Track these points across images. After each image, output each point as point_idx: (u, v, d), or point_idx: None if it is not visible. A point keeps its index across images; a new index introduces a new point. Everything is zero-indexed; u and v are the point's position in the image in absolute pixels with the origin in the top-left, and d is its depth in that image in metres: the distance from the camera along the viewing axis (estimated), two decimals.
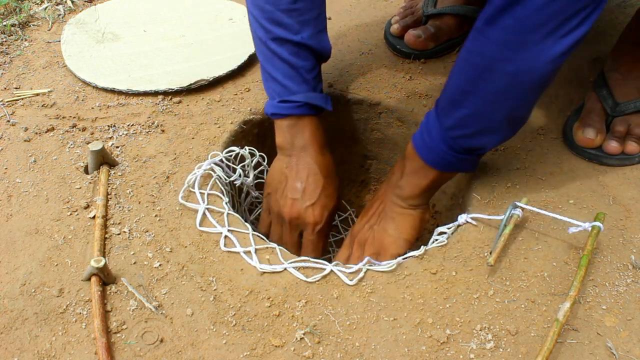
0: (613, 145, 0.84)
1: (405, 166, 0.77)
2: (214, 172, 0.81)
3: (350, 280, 0.70)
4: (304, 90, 0.80)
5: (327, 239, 0.88)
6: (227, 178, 0.83)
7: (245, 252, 0.72)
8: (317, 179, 0.82)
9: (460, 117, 0.68)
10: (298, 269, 0.71)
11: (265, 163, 0.91)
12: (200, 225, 0.76)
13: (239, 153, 0.86)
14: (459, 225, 0.77)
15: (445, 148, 0.71)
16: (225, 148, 0.88)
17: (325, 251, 0.88)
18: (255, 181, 0.91)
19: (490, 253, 0.70)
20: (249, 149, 0.88)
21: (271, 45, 0.78)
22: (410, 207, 0.79)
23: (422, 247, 0.75)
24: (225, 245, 0.73)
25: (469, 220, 0.76)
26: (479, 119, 0.67)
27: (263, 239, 0.75)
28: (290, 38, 0.77)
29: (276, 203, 0.84)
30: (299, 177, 0.82)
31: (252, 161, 0.88)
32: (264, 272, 0.71)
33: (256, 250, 0.73)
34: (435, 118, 0.71)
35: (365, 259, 0.72)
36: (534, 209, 0.75)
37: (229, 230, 0.74)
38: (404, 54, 1.04)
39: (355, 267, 0.71)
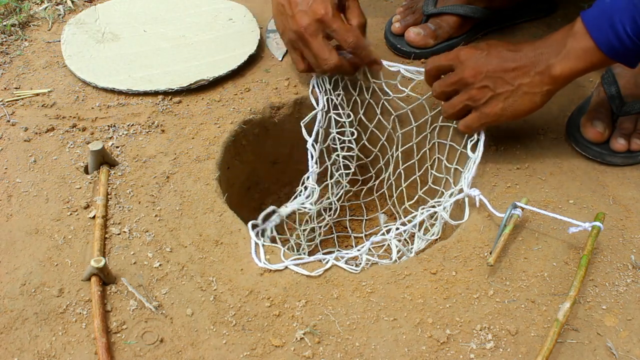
0: (620, 143, 0.83)
1: (566, 44, 0.73)
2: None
3: (356, 268, 0.71)
4: None
5: (358, 8, 0.87)
6: None
7: (255, 244, 0.73)
8: None
9: None
10: (298, 266, 0.71)
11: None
12: None
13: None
14: (466, 196, 0.78)
15: (631, 34, 0.67)
16: (226, 148, 0.88)
17: (361, 33, 0.87)
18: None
19: (490, 253, 0.70)
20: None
21: None
22: (544, 92, 0.76)
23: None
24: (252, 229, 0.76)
25: (480, 196, 0.76)
26: None
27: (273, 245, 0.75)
28: None
29: (290, 31, 0.85)
30: None
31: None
32: (264, 272, 0.71)
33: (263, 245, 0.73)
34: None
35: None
36: (534, 209, 0.75)
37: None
38: (404, 53, 1.04)
39: (353, 254, 0.72)
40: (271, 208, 0.80)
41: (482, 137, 0.83)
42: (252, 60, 1.03)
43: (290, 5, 0.84)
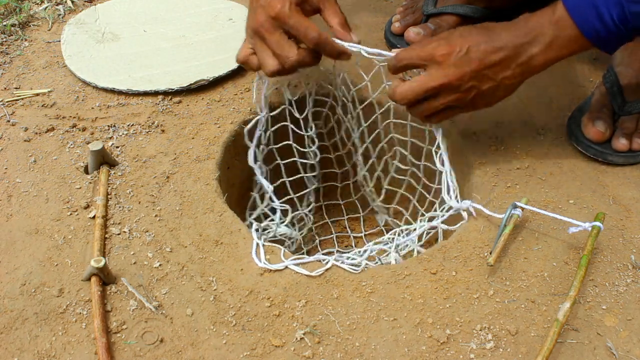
0: (622, 143, 0.83)
1: (550, 33, 0.71)
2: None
3: (356, 268, 0.71)
4: None
5: (334, 6, 0.81)
6: None
7: (255, 244, 0.73)
8: None
9: None
10: (298, 266, 0.71)
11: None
12: None
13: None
14: (461, 210, 0.77)
15: (617, 22, 0.66)
16: (226, 148, 0.88)
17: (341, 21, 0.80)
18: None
19: (490, 253, 0.70)
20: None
21: None
22: (523, 80, 0.75)
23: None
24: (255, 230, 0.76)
25: (472, 206, 0.76)
26: None
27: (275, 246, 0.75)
28: None
29: (250, 26, 0.79)
30: None
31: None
32: (264, 272, 0.71)
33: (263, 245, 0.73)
34: None
35: None
36: (534, 209, 0.75)
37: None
38: None
39: (353, 260, 0.72)
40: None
41: (444, 147, 0.80)
42: None
43: (253, 1, 0.78)
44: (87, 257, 0.73)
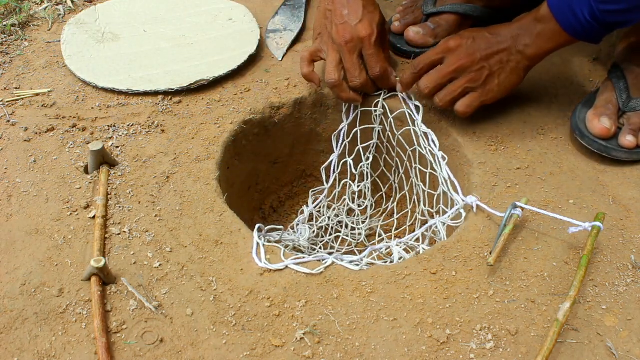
0: (629, 139, 0.83)
1: (537, 27, 0.82)
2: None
3: (355, 266, 0.71)
4: None
5: (386, 50, 0.95)
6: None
7: (256, 244, 0.74)
8: (357, 1, 0.88)
9: None
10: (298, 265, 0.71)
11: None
12: None
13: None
14: (464, 208, 0.78)
15: (589, 18, 0.75)
16: (226, 148, 0.89)
17: (388, 63, 0.92)
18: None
19: (490, 253, 0.70)
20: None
21: None
22: (525, 67, 0.85)
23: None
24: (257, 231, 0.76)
25: (476, 203, 0.77)
26: None
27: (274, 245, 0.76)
28: None
29: (329, 36, 0.90)
30: (341, 5, 0.88)
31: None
32: (264, 272, 0.71)
33: (263, 245, 0.74)
34: None
35: None
36: (534, 209, 0.75)
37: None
38: (404, 53, 1.04)
39: (354, 257, 0.73)
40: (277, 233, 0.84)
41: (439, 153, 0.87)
42: (252, 60, 1.03)
43: (336, 15, 0.88)
44: (87, 257, 0.73)
